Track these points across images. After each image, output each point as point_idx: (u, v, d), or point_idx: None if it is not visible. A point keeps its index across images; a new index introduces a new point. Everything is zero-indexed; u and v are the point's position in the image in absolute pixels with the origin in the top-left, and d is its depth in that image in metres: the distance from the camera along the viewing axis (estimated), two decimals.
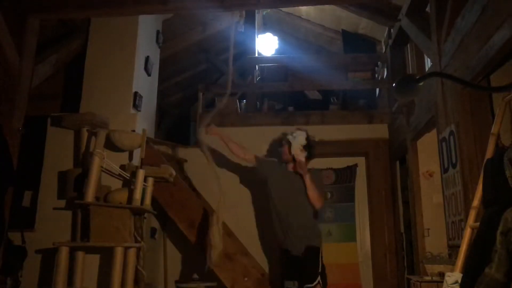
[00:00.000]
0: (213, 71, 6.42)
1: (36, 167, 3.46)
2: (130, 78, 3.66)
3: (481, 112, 2.66)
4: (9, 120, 2.52)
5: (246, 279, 3.60)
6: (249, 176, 4.46)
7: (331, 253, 4.47)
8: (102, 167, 3.20)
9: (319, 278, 3.08)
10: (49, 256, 3.20)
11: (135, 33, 3.76)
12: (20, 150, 2.61)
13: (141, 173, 3.19)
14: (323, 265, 3.19)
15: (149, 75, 4.07)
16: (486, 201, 1.92)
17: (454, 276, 2.06)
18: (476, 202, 2.23)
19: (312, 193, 3.24)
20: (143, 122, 3.69)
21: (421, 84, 1.88)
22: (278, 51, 6.41)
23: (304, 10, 6.27)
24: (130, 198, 3.19)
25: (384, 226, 4.41)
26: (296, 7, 6.11)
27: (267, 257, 4.22)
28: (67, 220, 3.33)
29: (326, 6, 5.77)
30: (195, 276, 3.80)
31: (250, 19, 5.56)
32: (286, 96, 5.45)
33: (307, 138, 3.45)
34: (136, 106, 3.65)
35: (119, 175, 3.34)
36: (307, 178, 3.26)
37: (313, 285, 3.04)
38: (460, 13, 2.73)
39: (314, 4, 5.20)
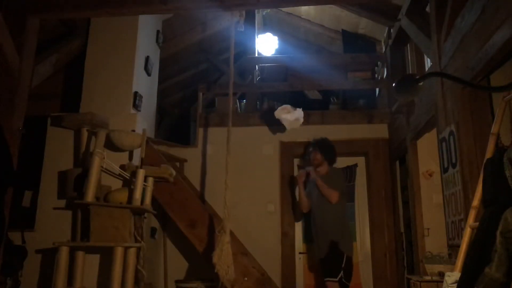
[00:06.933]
0: (213, 71, 6.42)
1: (36, 167, 3.46)
2: (130, 78, 3.66)
3: (481, 112, 2.66)
4: (9, 120, 2.52)
5: (246, 279, 3.60)
6: (250, 176, 4.48)
7: None
8: (102, 167, 3.20)
9: (341, 273, 3.42)
10: (49, 256, 3.21)
11: (135, 33, 3.76)
12: (20, 150, 2.61)
13: (141, 173, 3.20)
14: (349, 265, 3.53)
15: (149, 75, 4.07)
16: (486, 200, 1.92)
17: (454, 276, 2.06)
18: (476, 202, 2.23)
19: (324, 191, 3.77)
20: (143, 122, 3.69)
21: (421, 84, 1.88)
22: (278, 51, 6.41)
23: (304, 10, 6.27)
24: (130, 198, 3.19)
25: (384, 226, 4.41)
26: (296, 7, 6.10)
27: (267, 257, 4.22)
28: (67, 220, 3.33)
29: (326, 6, 5.77)
30: None
31: (250, 19, 5.56)
32: (286, 96, 5.44)
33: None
34: (136, 106, 3.65)
35: (119, 175, 3.34)
36: (318, 180, 3.83)
37: (337, 279, 3.39)
38: (460, 13, 2.73)
39: (314, 4, 5.20)
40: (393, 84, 1.97)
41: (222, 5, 2.76)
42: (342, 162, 4.71)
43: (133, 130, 3.47)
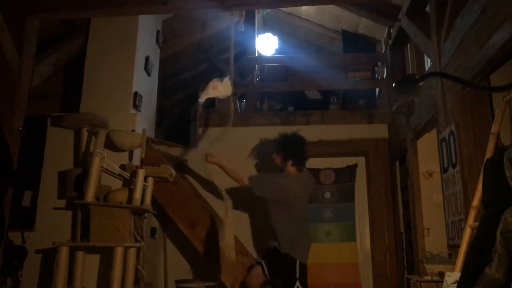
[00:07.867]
0: (213, 71, 6.41)
1: (36, 167, 3.46)
2: (130, 78, 3.66)
3: (481, 112, 2.66)
4: (9, 120, 2.52)
5: None
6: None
7: (331, 253, 4.49)
8: (102, 167, 3.20)
9: (297, 283, 3.14)
10: (49, 256, 3.20)
11: (135, 33, 3.75)
12: (20, 150, 2.61)
13: (141, 173, 3.20)
14: (305, 272, 3.21)
15: (149, 75, 4.07)
16: (486, 201, 1.92)
17: (454, 276, 2.06)
18: (476, 202, 2.23)
19: (232, 175, 3.42)
20: (143, 122, 3.68)
21: (421, 84, 1.88)
22: (278, 51, 6.41)
23: (304, 10, 6.27)
24: (130, 198, 3.19)
25: (384, 226, 4.41)
26: (296, 7, 6.11)
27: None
28: (67, 220, 3.32)
29: (326, 6, 5.77)
30: None
31: (250, 19, 5.56)
32: (286, 96, 5.45)
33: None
34: (136, 106, 3.65)
35: (119, 175, 3.34)
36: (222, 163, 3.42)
37: None
38: (460, 13, 2.73)
39: (314, 4, 5.21)
40: (393, 84, 1.97)
41: (222, 5, 2.76)
42: (342, 162, 4.71)
43: (133, 130, 3.47)
